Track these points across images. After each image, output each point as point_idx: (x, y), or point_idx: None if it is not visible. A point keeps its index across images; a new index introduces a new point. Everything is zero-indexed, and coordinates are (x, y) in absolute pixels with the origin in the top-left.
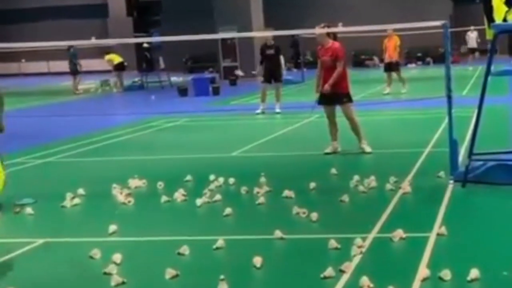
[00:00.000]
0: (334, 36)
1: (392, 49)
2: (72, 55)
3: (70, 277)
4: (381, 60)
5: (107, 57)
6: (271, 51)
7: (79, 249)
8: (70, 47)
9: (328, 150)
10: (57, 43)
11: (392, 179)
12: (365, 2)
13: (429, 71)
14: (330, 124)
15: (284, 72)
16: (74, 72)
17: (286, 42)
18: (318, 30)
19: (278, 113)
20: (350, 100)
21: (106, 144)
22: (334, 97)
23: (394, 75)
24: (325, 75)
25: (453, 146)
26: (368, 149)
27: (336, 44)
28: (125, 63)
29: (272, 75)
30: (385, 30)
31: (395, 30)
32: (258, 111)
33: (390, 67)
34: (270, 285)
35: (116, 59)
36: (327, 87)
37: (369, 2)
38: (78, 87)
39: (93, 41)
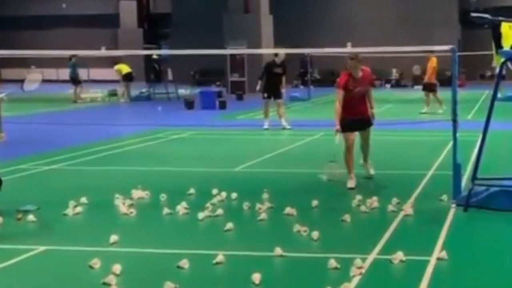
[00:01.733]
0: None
1: (429, 70)
2: (73, 65)
3: (69, 285)
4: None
5: (116, 67)
6: (278, 70)
7: (79, 258)
8: (72, 56)
9: (352, 185)
10: (67, 52)
11: (395, 200)
12: (373, 22)
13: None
14: (349, 154)
15: (283, 91)
16: (76, 81)
17: (295, 60)
18: (352, 61)
19: (287, 128)
20: (373, 122)
21: (111, 154)
22: (365, 121)
23: (431, 95)
24: (355, 103)
25: (457, 170)
26: (372, 171)
27: (368, 70)
28: (133, 74)
29: (273, 92)
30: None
31: (405, 52)
32: (265, 126)
33: (427, 88)
34: None
35: (125, 69)
36: (374, 112)
37: (378, 23)
38: (82, 96)
39: (103, 51)
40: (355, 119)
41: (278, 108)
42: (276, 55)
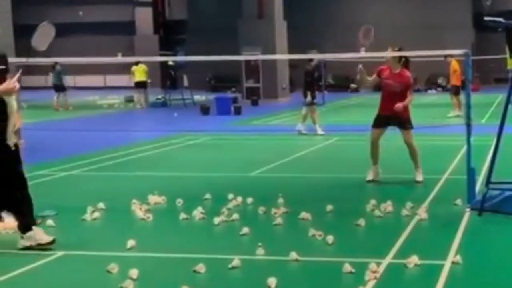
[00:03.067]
0: (406, 60)
1: (451, 74)
2: (58, 73)
3: None
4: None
5: (133, 68)
6: (316, 74)
7: (97, 263)
8: (55, 63)
9: (370, 177)
10: (84, 59)
11: (409, 205)
12: (387, 28)
13: (449, 97)
14: (374, 147)
15: (309, 98)
16: (60, 88)
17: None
18: (391, 53)
19: (321, 134)
20: (412, 126)
21: (128, 160)
22: (396, 120)
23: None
24: (388, 98)
25: (471, 174)
26: (419, 178)
27: (407, 73)
28: (148, 81)
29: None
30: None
31: (418, 57)
32: (300, 128)
33: (452, 91)
34: None
35: (138, 76)
36: (400, 106)
37: (391, 29)
38: (68, 103)
39: (119, 58)
40: (385, 115)
41: (312, 113)
42: (310, 60)
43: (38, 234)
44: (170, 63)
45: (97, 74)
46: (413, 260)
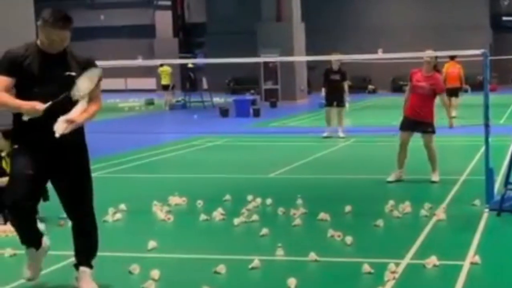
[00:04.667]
0: (435, 65)
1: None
2: None
3: None
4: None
5: (161, 68)
6: (336, 76)
7: (119, 264)
8: None
9: (391, 179)
10: (106, 63)
11: (427, 205)
12: (404, 29)
13: (467, 98)
14: (401, 151)
15: (347, 98)
16: None
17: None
18: (431, 54)
19: (341, 137)
20: (434, 130)
21: (148, 162)
22: (420, 124)
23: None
24: (416, 101)
25: (489, 174)
26: (435, 178)
27: (438, 76)
28: (171, 84)
29: (335, 99)
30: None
31: (436, 57)
32: (325, 134)
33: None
34: None
35: (164, 78)
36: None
37: (409, 29)
38: None
39: (140, 61)
40: (412, 119)
41: (338, 116)
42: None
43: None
44: (190, 65)
45: (118, 77)
46: (432, 260)
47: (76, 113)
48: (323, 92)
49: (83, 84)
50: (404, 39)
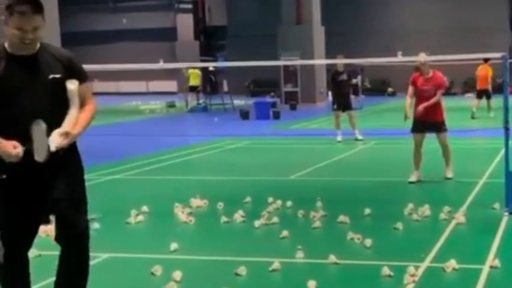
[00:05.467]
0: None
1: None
2: None
3: None
4: None
5: (190, 70)
6: (343, 77)
7: (142, 265)
8: None
9: (413, 179)
10: (128, 66)
11: (446, 208)
12: (423, 31)
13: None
14: (416, 152)
15: (359, 98)
16: None
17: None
18: (424, 58)
19: (360, 139)
20: (447, 128)
21: (170, 164)
22: (432, 125)
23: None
24: (422, 103)
25: (509, 177)
26: (450, 174)
27: (439, 74)
28: (200, 87)
29: (343, 103)
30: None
31: (455, 60)
32: (339, 138)
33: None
34: None
35: (193, 80)
36: (421, 109)
37: (428, 32)
38: None
39: (161, 64)
40: (423, 121)
41: (350, 119)
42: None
43: None
44: (211, 68)
45: (139, 80)
46: (451, 264)
47: (70, 125)
48: (330, 96)
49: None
50: (422, 42)
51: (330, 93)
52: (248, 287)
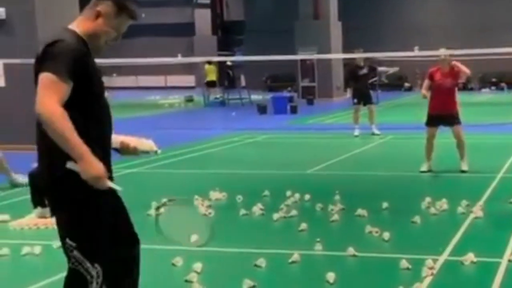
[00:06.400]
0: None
1: None
2: None
3: (154, 282)
4: None
5: (207, 67)
6: (364, 71)
7: (163, 256)
8: None
9: (424, 169)
10: (146, 60)
11: (464, 202)
12: (439, 26)
13: (503, 96)
14: (429, 144)
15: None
16: None
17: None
18: (444, 53)
19: (377, 134)
20: (460, 121)
21: (189, 157)
22: (448, 117)
23: None
24: (440, 98)
25: None
26: (465, 167)
27: (456, 69)
28: (216, 82)
29: (364, 97)
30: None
31: (471, 55)
32: (356, 133)
33: None
34: None
35: (210, 75)
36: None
37: (444, 27)
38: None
39: (179, 59)
40: (439, 114)
41: (369, 113)
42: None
43: None
44: (228, 63)
45: (158, 75)
46: (470, 257)
47: None
48: (348, 92)
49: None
50: (440, 37)
51: (349, 88)
52: (268, 279)
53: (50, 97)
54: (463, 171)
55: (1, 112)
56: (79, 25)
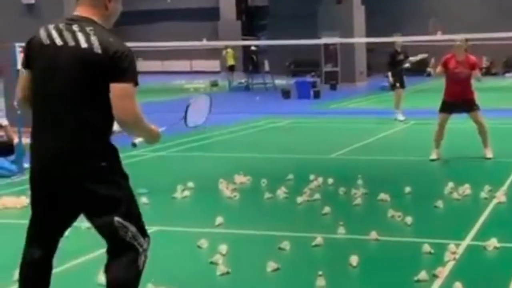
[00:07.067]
0: (465, 49)
1: None
2: None
3: (180, 264)
4: None
5: (225, 52)
6: (401, 57)
7: (188, 238)
8: None
9: (434, 157)
10: (171, 44)
11: (487, 188)
12: (463, 9)
13: None
14: (440, 132)
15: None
16: None
17: (385, 50)
18: (462, 38)
19: (401, 120)
20: (478, 106)
21: (214, 141)
22: (464, 104)
23: None
24: (455, 86)
25: None
26: (490, 154)
27: (473, 57)
28: (235, 66)
29: (402, 81)
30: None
31: (495, 39)
32: (401, 118)
33: None
34: (366, 284)
35: (230, 60)
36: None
37: (467, 10)
38: None
39: (204, 43)
40: (454, 102)
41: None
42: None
43: None
44: (252, 48)
45: (183, 59)
46: (492, 243)
47: None
48: (390, 76)
49: None
50: (464, 21)
51: (389, 73)
52: (292, 261)
53: (135, 106)
54: (487, 159)
55: None
56: (95, 14)
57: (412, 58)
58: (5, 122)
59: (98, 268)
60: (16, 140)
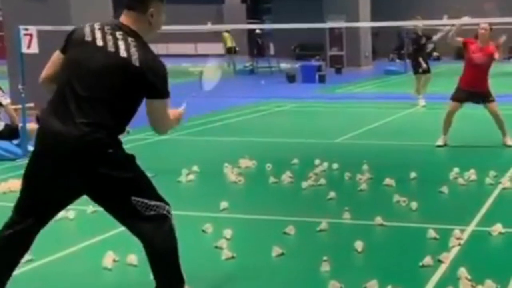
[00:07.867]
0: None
1: None
2: None
3: (183, 248)
4: None
5: (224, 34)
6: (423, 40)
7: (193, 223)
8: None
9: (440, 143)
10: (176, 27)
11: (492, 173)
12: None
13: None
14: (448, 118)
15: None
16: None
17: (391, 34)
18: (485, 26)
19: (421, 105)
20: (494, 98)
21: (218, 125)
22: (479, 95)
23: None
24: (473, 72)
25: None
26: (510, 142)
27: (493, 46)
28: (236, 48)
29: (427, 65)
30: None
31: (503, 24)
32: (423, 103)
33: None
34: (371, 269)
35: (229, 42)
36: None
37: None
38: None
39: (209, 26)
40: (468, 91)
41: (425, 82)
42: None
43: None
44: (257, 31)
45: (188, 42)
46: (497, 228)
47: None
48: (421, 61)
49: None
50: (471, 5)
51: (420, 58)
52: (297, 246)
53: (168, 118)
54: (508, 146)
55: (35, 79)
56: (138, 27)
57: (435, 38)
58: (5, 100)
59: (103, 252)
60: (20, 124)
